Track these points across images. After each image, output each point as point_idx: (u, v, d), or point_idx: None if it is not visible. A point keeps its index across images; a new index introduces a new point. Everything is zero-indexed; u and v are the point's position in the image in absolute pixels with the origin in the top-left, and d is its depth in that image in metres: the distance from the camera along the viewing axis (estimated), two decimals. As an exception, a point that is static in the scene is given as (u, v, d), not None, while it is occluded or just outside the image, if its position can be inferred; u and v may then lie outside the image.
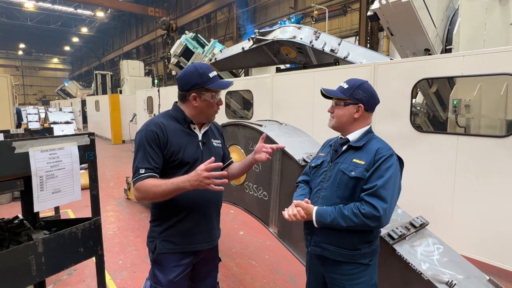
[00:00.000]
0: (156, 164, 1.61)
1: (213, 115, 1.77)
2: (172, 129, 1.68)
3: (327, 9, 13.60)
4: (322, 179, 1.66)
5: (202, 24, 23.58)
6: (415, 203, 3.85)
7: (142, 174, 1.57)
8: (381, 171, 1.49)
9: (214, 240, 1.85)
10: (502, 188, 3.33)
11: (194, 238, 1.74)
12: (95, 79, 20.55)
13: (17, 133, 3.10)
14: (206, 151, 1.75)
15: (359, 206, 1.46)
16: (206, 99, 1.68)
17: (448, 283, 1.74)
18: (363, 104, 1.62)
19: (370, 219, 1.43)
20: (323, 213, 1.52)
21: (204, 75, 1.66)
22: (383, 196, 1.44)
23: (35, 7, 30.84)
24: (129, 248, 4.05)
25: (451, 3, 5.30)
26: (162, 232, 1.72)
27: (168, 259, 1.72)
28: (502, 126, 3.88)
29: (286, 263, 3.65)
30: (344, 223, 1.47)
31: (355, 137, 1.64)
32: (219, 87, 1.68)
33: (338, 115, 1.65)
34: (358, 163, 1.55)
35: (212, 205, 1.79)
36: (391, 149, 1.56)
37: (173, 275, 1.70)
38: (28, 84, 51.00)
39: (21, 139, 1.52)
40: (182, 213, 1.70)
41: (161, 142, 1.63)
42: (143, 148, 1.61)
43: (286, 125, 3.28)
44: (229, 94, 7.69)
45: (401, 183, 1.59)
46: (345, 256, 1.56)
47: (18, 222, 1.87)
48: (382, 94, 4.28)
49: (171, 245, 1.71)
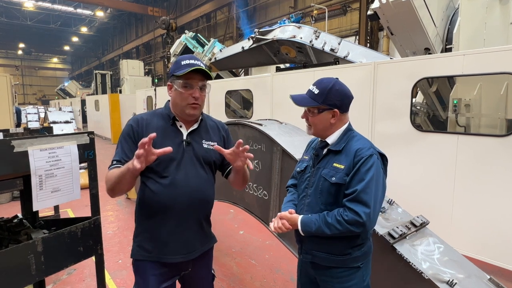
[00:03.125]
0: (126, 157, 1.52)
1: (188, 108, 1.57)
2: (153, 126, 1.58)
3: (326, 8, 13.59)
4: (306, 185, 1.64)
5: (202, 23, 23.57)
6: (415, 202, 3.86)
7: (111, 166, 1.52)
8: (361, 174, 1.44)
9: (190, 252, 1.61)
10: (502, 187, 3.33)
11: (167, 248, 1.57)
12: (95, 78, 20.54)
13: (16, 132, 3.10)
14: (189, 152, 1.60)
15: (342, 213, 1.43)
16: (176, 88, 1.57)
17: (449, 282, 1.73)
18: (338, 108, 1.55)
19: (354, 226, 1.41)
20: (308, 222, 1.51)
21: (177, 63, 1.57)
22: (364, 201, 1.40)
23: (35, 6, 30.84)
24: (129, 248, 4.00)
25: (451, 2, 5.29)
26: (137, 236, 1.64)
27: (145, 266, 1.59)
28: (502, 125, 3.87)
29: (286, 262, 3.64)
30: (329, 231, 1.45)
31: (334, 139, 1.59)
32: (180, 72, 1.52)
33: (314, 123, 1.58)
34: (338, 167, 1.51)
35: (191, 211, 1.59)
36: (371, 148, 1.50)
37: (153, 284, 1.57)
38: (28, 83, 50.96)
39: (20, 138, 1.51)
40: (155, 217, 1.57)
41: (135, 135, 1.56)
42: (119, 142, 1.59)
43: (286, 124, 3.27)
44: (229, 94, 7.69)
45: (386, 181, 1.55)
46: (336, 262, 1.54)
47: (18, 221, 1.86)
48: (382, 93, 4.34)
49: (144, 251, 1.59)
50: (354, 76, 4.55)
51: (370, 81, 4.40)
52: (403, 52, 5.38)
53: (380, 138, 4.23)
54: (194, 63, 1.55)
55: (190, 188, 1.57)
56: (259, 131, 2.98)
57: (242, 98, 8.64)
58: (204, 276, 1.75)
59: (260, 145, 2.98)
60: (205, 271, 1.76)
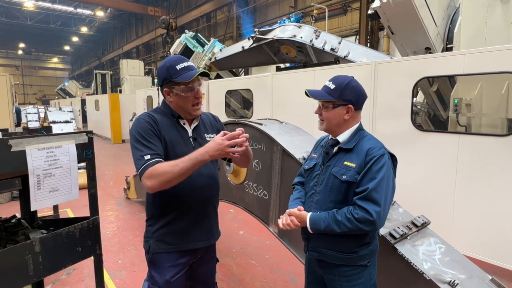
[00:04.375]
0: (160, 151, 1.54)
1: (193, 109, 1.66)
2: (163, 123, 1.64)
3: (327, 8, 13.57)
4: (315, 182, 1.64)
5: (202, 23, 23.56)
6: (416, 202, 3.84)
7: (150, 160, 1.48)
8: (373, 173, 1.44)
9: (210, 238, 1.80)
10: (503, 187, 3.31)
11: (189, 236, 1.70)
12: (95, 78, 20.54)
13: (15, 132, 3.09)
14: (198, 146, 1.65)
15: (352, 211, 1.43)
16: (177, 93, 1.61)
17: (450, 282, 1.72)
18: (353, 105, 1.56)
19: (364, 224, 1.41)
20: (317, 220, 1.50)
21: (171, 68, 1.60)
22: (375, 199, 1.41)
23: (35, 6, 30.83)
24: (129, 248, 4.03)
25: (452, 2, 5.28)
26: (156, 232, 1.69)
27: (163, 259, 1.68)
28: (503, 125, 3.86)
29: (286, 263, 3.63)
30: (338, 229, 1.45)
31: (345, 138, 1.59)
32: (182, 79, 1.57)
33: (328, 118, 1.58)
34: (349, 165, 1.51)
35: (207, 202, 1.75)
36: (382, 148, 1.51)
37: (170, 275, 1.67)
38: (28, 83, 50.95)
39: (18, 137, 1.50)
40: (175, 211, 1.67)
41: (156, 132, 1.59)
42: (141, 138, 1.55)
43: (287, 123, 3.26)
44: (229, 93, 7.67)
45: (395, 181, 1.55)
46: (343, 260, 1.54)
47: (16, 221, 1.85)
48: (382, 93, 4.32)
49: (165, 244, 1.68)
50: (355, 76, 4.45)
51: (371, 81, 4.39)
52: (403, 52, 5.36)
53: (381, 138, 4.13)
54: (189, 65, 1.63)
55: (204, 178, 1.70)
56: (259, 131, 2.96)
57: (242, 98, 8.63)
58: (210, 260, 1.89)
59: (260, 145, 2.97)
60: (211, 256, 1.90)
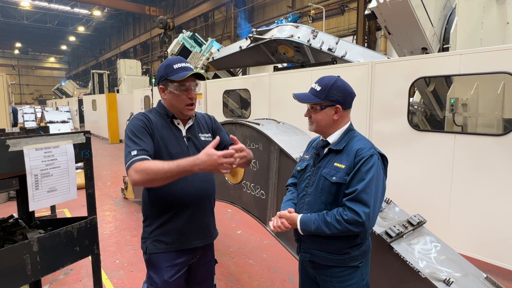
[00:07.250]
0: (148, 148, 1.55)
1: (186, 108, 1.68)
2: (157, 122, 1.66)
3: (324, 8, 13.59)
4: (306, 184, 1.65)
5: (199, 23, 23.52)
6: (412, 201, 3.87)
7: (137, 156, 1.48)
8: (362, 174, 1.45)
9: (207, 237, 1.80)
10: (499, 186, 3.34)
11: (186, 236, 1.70)
12: (92, 78, 20.49)
13: (12, 132, 3.08)
14: (192, 146, 1.72)
15: (342, 213, 1.44)
16: (171, 91, 1.64)
17: (446, 281, 1.73)
18: (340, 104, 1.56)
19: (353, 225, 1.41)
20: (307, 221, 1.51)
21: (168, 66, 1.64)
22: (364, 201, 1.41)
23: (32, 5, 30.64)
24: (126, 248, 4.03)
25: (448, 2, 5.30)
26: (152, 232, 1.69)
27: (160, 259, 1.68)
28: (499, 124, 3.89)
29: (284, 262, 3.64)
30: (328, 230, 1.46)
31: (335, 138, 1.60)
32: (177, 77, 1.61)
33: (317, 119, 1.59)
34: (339, 167, 1.51)
35: (203, 201, 1.75)
36: (371, 148, 1.51)
37: (168, 275, 1.66)
38: (25, 83, 50.64)
39: (16, 137, 1.50)
40: (171, 211, 1.67)
41: (148, 130, 1.61)
42: (132, 136, 1.57)
43: (284, 123, 3.27)
44: (226, 93, 7.68)
45: (385, 182, 1.55)
46: (334, 261, 1.55)
47: (13, 221, 1.85)
48: (379, 92, 4.34)
49: (162, 244, 1.68)
50: (352, 76, 4.55)
51: (368, 81, 4.41)
52: (400, 52, 5.39)
53: (378, 138, 4.23)
54: (187, 66, 1.66)
55: (200, 178, 1.70)
56: (256, 131, 2.97)
57: (240, 98, 8.64)
58: (208, 261, 1.89)
59: (257, 145, 2.98)
60: (210, 257, 1.90)
